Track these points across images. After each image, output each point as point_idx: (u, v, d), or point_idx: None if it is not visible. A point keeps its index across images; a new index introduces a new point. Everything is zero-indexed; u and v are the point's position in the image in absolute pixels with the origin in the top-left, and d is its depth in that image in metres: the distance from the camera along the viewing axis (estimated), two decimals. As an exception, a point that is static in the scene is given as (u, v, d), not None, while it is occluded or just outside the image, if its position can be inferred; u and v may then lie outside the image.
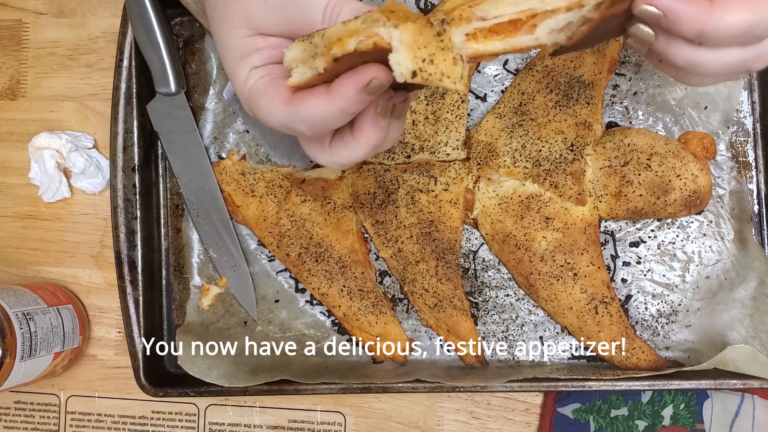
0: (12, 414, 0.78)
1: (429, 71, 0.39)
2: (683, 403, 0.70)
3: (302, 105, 0.46)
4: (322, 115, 0.45)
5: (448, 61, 0.39)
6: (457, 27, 0.39)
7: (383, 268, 0.73)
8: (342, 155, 0.49)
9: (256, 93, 0.49)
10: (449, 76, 0.39)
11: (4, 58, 0.79)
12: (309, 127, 0.46)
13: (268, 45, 0.50)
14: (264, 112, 0.48)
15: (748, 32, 0.43)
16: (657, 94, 0.71)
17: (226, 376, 0.68)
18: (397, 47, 0.39)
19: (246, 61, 0.50)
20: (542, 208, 0.69)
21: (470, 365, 0.71)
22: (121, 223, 0.71)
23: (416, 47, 0.38)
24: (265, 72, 0.49)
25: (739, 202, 0.70)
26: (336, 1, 0.46)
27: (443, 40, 0.39)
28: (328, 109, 0.44)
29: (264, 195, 0.72)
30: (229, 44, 0.50)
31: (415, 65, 0.38)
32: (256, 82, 0.49)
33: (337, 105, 0.44)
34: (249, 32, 0.49)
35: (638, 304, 0.71)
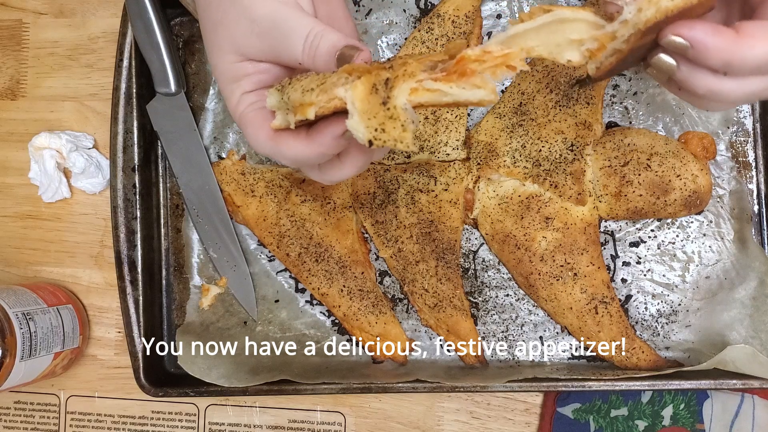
0: (12, 414, 0.78)
1: (383, 138, 0.40)
2: (683, 403, 0.70)
3: (283, 145, 0.48)
4: (303, 157, 0.48)
5: (398, 129, 0.40)
6: (401, 88, 0.40)
7: (383, 268, 0.73)
8: (332, 175, 0.51)
9: (245, 120, 0.50)
10: (402, 141, 0.40)
11: (4, 58, 0.79)
12: (291, 163, 0.49)
13: (257, 70, 0.50)
14: (251, 140, 0.50)
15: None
16: (657, 94, 0.71)
17: (226, 376, 0.68)
18: (351, 112, 0.40)
19: (237, 85, 0.51)
20: (542, 208, 0.69)
21: (470, 365, 0.71)
22: (121, 223, 0.71)
23: (367, 117, 0.40)
24: (256, 98, 0.50)
25: (739, 202, 0.70)
26: (316, 32, 0.47)
27: (389, 108, 0.40)
28: (309, 152, 0.47)
29: (264, 195, 0.72)
30: (220, 68, 0.51)
31: (369, 135, 0.40)
32: (246, 109, 0.50)
33: (317, 150, 0.47)
34: (238, 58, 0.50)
35: (638, 304, 0.71)
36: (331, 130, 0.45)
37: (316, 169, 0.52)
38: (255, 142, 0.50)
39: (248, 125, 0.50)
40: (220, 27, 0.50)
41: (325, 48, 0.46)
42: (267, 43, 0.49)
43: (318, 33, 0.47)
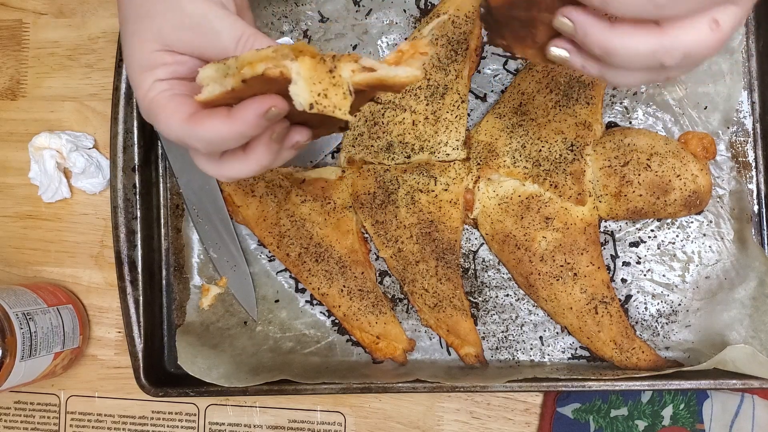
0: (12, 414, 0.78)
1: (323, 104, 0.44)
2: (683, 403, 0.70)
3: (201, 125, 0.49)
4: (220, 136, 0.48)
5: (339, 96, 0.45)
6: (345, 63, 0.45)
7: (383, 268, 0.73)
8: (232, 169, 0.52)
9: (156, 105, 0.51)
10: (341, 108, 0.45)
11: (4, 58, 0.79)
12: (205, 145, 0.49)
13: (175, 61, 0.52)
14: (162, 125, 0.50)
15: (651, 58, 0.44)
16: (657, 94, 0.71)
17: (226, 376, 0.68)
18: (296, 79, 0.44)
19: (151, 73, 0.51)
20: (542, 208, 0.69)
21: (470, 365, 0.71)
22: (121, 223, 0.71)
23: (312, 82, 0.44)
24: (168, 86, 0.51)
25: (739, 202, 0.70)
26: (247, 35, 0.50)
27: (334, 76, 0.45)
28: (228, 130, 0.48)
29: (264, 195, 0.72)
30: (137, 55, 0.52)
31: (312, 98, 0.44)
32: (158, 95, 0.51)
33: (237, 128, 0.48)
34: (159, 47, 0.51)
35: (638, 304, 0.71)
36: (255, 107, 0.47)
37: (216, 160, 0.52)
38: (167, 126, 0.50)
39: (160, 110, 0.50)
40: (147, 18, 0.51)
41: None
42: (195, 38, 0.50)
43: (250, 36, 0.50)
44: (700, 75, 0.70)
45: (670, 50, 0.43)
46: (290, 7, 0.74)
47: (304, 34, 0.74)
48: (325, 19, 0.74)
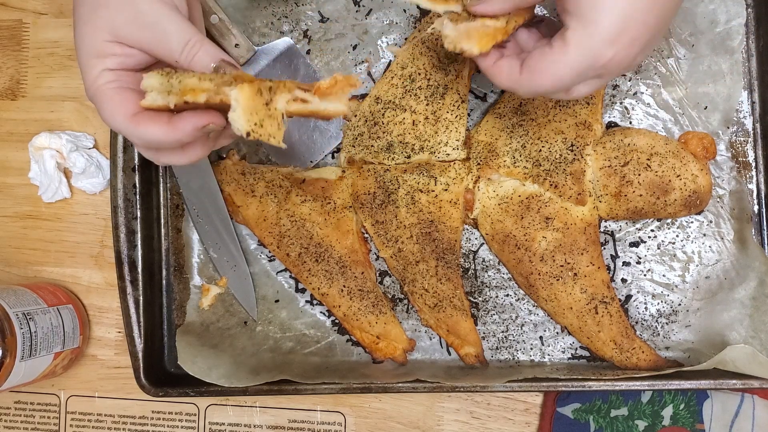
0: (12, 414, 0.78)
1: (259, 132, 0.49)
2: (683, 403, 0.70)
3: (143, 126, 0.52)
4: (158, 140, 0.52)
5: (275, 127, 0.49)
6: (281, 96, 0.49)
7: (383, 268, 0.73)
8: (169, 159, 0.56)
9: (102, 95, 0.53)
10: (275, 137, 0.49)
11: (4, 58, 0.79)
12: (144, 144, 0.53)
13: (124, 53, 0.54)
14: (105, 115, 0.53)
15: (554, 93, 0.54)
16: (657, 94, 0.71)
17: (226, 376, 0.68)
18: (234, 107, 0.48)
19: (100, 61, 0.54)
20: (542, 208, 0.69)
21: (470, 365, 0.71)
22: (121, 223, 0.71)
23: (250, 113, 0.48)
24: (115, 77, 0.54)
25: (739, 202, 0.70)
26: (195, 41, 0.53)
27: (270, 109, 0.49)
28: (166, 137, 0.52)
29: (264, 195, 0.72)
30: (88, 41, 0.54)
31: (249, 127, 0.48)
32: (105, 85, 0.53)
33: (175, 136, 0.52)
34: (110, 38, 0.53)
35: (638, 304, 0.71)
36: (195, 121, 0.51)
37: (153, 149, 0.55)
38: (111, 118, 0.53)
39: (106, 101, 0.53)
40: (102, 8, 0.53)
41: (204, 58, 0.53)
42: (145, 35, 0.53)
43: (197, 42, 0.53)
44: (700, 75, 0.70)
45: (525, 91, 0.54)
46: (290, 7, 0.74)
47: (304, 34, 0.74)
48: (325, 19, 0.74)
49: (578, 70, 0.50)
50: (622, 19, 0.47)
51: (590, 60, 0.49)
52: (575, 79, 0.51)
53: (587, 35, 0.48)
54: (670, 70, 0.71)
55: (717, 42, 0.70)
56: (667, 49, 0.71)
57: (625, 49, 0.49)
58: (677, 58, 0.71)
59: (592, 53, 0.49)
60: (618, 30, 0.48)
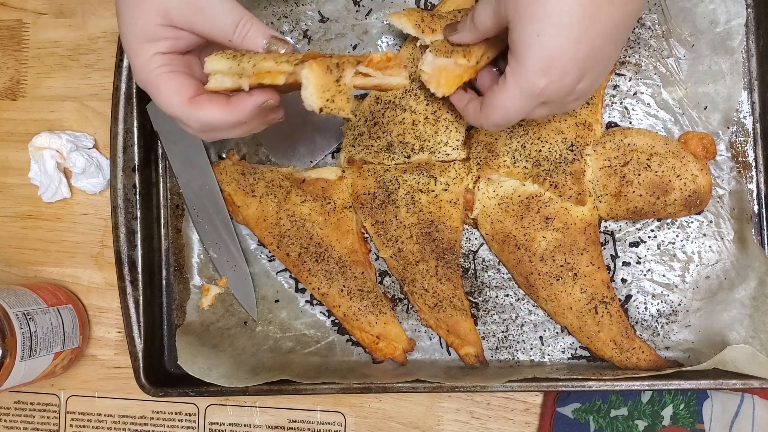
0: (12, 414, 0.78)
1: (330, 107, 0.52)
2: (683, 403, 0.70)
3: (202, 109, 0.53)
4: (217, 123, 0.54)
5: (344, 101, 0.52)
6: (349, 71, 0.52)
7: (383, 268, 0.73)
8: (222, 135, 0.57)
9: (157, 80, 0.54)
10: (344, 110, 0.52)
11: (4, 58, 0.79)
12: (201, 126, 0.54)
13: (176, 36, 0.55)
14: (161, 100, 0.54)
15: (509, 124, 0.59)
16: (657, 94, 0.71)
17: (226, 376, 0.68)
18: (306, 85, 0.51)
19: (152, 45, 0.54)
20: (542, 208, 0.69)
21: (470, 365, 0.71)
22: (121, 223, 0.71)
23: (322, 90, 0.51)
24: (167, 61, 0.55)
25: (739, 202, 0.70)
26: (246, 19, 0.54)
27: (340, 84, 0.52)
28: (226, 118, 0.53)
29: (264, 195, 0.72)
30: (140, 26, 0.54)
31: (321, 103, 0.51)
32: (158, 70, 0.54)
33: (235, 117, 0.53)
34: (162, 21, 0.54)
35: (638, 304, 0.71)
36: (255, 100, 0.53)
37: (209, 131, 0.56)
38: (167, 104, 0.54)
39: (162, 87, 0.54)
40: None
41: (257, 35, 0.54)
42: (198, 17, 0.54)
43: (248, 20, 0.54)
44: (700, 75, 0.70)
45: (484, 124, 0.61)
46: (290, 7, 0.74)
47: (304, 34, 0.74)
48: (326, 19, 0.74)
49: (520, 101, 0.55)
50: (548, 55, 0.52)
51: (527, 91, 0.54)
52: (520, 110, 0.56)
53: (520, 71, 0.54)
54: (670, 70, 0.71)
55: (717, 42, 0.70)
56: (667, 49, 0.71)
57: (559, 79, 0.53)
58: (677, 58, 0.71)
59: (527, 85, 0.54)
60: (545, 65, 0.53)
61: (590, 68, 0.54)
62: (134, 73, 0.55)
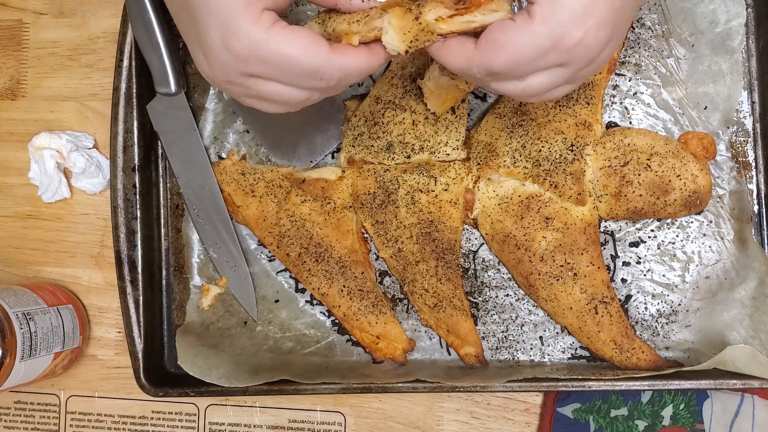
0: (12, 414, 0.78)
1: (416, 46, 0.51)
2: (683, 403, 0.70)
3: (346, 56, 0.50)
4: (359, 67, 0.51)
5: (428, 36, 0.50)
6: (429, 7, 0.50)
7: (383, 268, 0.73)
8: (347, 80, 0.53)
9: (285, 38, 0.48)
10: (429, 40, 0.50)
11: (4, 58, 0.79)
12: (341, 75, 0.50)
13: None
14: (299, 55, 0.48)
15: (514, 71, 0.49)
16: (657, 94, 0.71)
17: (226, 376, 0.68)
18: (386, 29, 0.50)
19: (257, 1, 0.48)
20: (542, 208, 0.69)
21: (470, 365, 0.71)
22: (121, 223, 0.71)
23: (403, 32, 0.50)
24: (276, 18, 0.49)
25: (739, 202, 0.70)
26: None
27: (421, 22, 0.50)
28: (369, 63, 0.51)
29: (264, 195, 0.72)
30: None
31: (405, 46, 0.50)
32: (276, 26, 0.48)
33: (377, 61, 0.51)
34: None
35: (638, 304, 0.71)
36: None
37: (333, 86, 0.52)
38: (306, 56, 0.48)
39: (294, 41, 0.48)
40: None
41: None
42: None
43: None
44: (700, 75, 0.70)
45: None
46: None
47: (304, 34, 0.74)
48: (325, 19, 0.73)
49: (541, 47, 0.46)
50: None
51: (556, 37, 0.46)
52: (535, 57, 0.47)
53: (556, 9, 0.45)
54: (670, 70, 0.71)
55: (717, 42, 0.70)
56: (667, 49, 0.71)
57: (595, 32, 0.46)
58: (677, 58, 0.71)
59: (560, 30, 0.46)
60: (586, 8, 0.45)
61: (618, 27, 0.48)
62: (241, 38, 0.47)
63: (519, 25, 0.47)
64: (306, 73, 0.49)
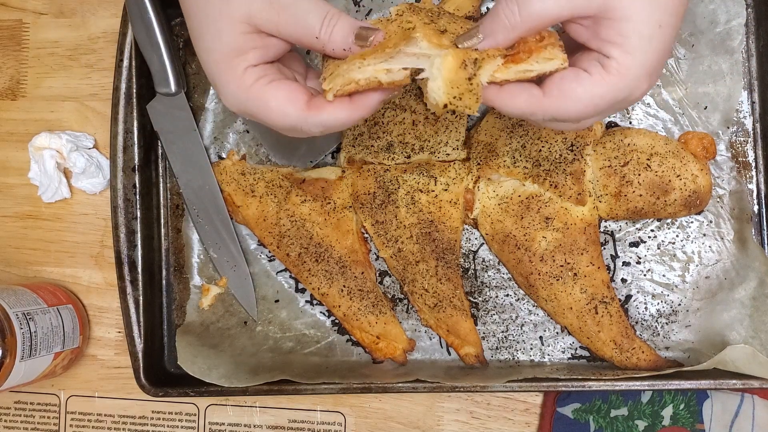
0: (12, 414, 0.78)
1: (457, 104, 0.48)
2: (683, 403, 0.70)
3: (323, 112, 0.50)
4: (341, 122, 0.50)
5: (472, 100, 0.48)
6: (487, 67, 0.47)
7: (383, 268, 0.73)
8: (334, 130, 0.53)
9: (263, 94, 0.51)
10: (470, 108, 0.48)
11: (4, 58, 0.79)
12: (323, 130, 0.51)
13: (264, 44, 0.52)
14: (275, 113, 0.51)
15: None
16: (657, 94, 0.71)
17: (226, 376, 0.68)
18: (435, 76, 0.47)
19: (242, 59, 0.51)
20: (542, 208, 0.69)
21: (470, 365, 0.71)
22: (121, 223, 0.71)
23: (451, 86, 0.47)
24: (261, 72, 0.51)
25: (739, 202, 0.70)
26: (332, 14, 0.50)
27: (473, 84, 0.47)
28: (350, 116, 0.50)
29: (264, 195, 0.72)
30: (226, 40, 0.51)
31: (447, 99, 0.48)
32: (258, 83, 0.51)
33: (359, 114, 0.50)
34: (248, 28, 0.51)
35: (638, 304, 0.71)
36: (378, 96, 0.50)
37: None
38: (282, 114, 0.50)
39: (270, 99, 0.50)
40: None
41: (344, 29, 0.50)
42: (284, 18, 0.50)
43: (335, 14, 0.50)
44: (700, 75, 0.70)
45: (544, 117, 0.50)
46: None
47: (304, 34, 0.74)
48: (325, 19, 0.73)
49: (614, 100, 0.49)
50: (664, 50, 0.47)
51: (629, 91, 0.48)
52: (605, 110, 0.50)
53: (630, 64, 0.47)
54: (670, 70, 0.71)
55: (717, 42, 0.70)
56: (667, 49, 0.71)
57: (655, 80, 0.49)
58: (677, 58, 0.71)
59: (634, 84, 0.48)
60: (657, 63, 0.47)
61: None
62: (227, 96, 0.52)
63: (595, 78, 0.48)
64: (286, 127, 0.52)
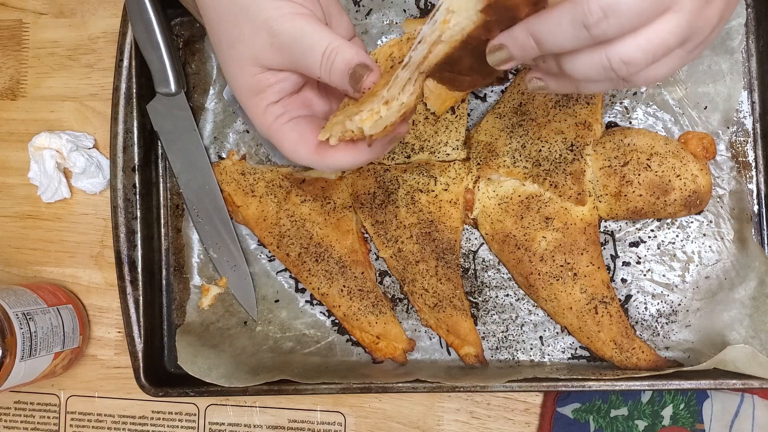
0: (12, 414, 0.78)
1: None
2: (683, 403, 0.70)
3: (331, 156, 0.52)
4: (349, 164, 0.52)
5: None
6: None
7: (383, 268, 0.73)
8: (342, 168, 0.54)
9: (279, 133, 0.53)
10: None
11: (4, 58, 0.79)
12: (331, 170, 0.54)
13: (279, 79, 0.53)
14: (289, 153, 0.53)
15: None
16: (657, 94, 0.71)
17: (226, 376, 0.68)
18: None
19: (261, 98, 0.53)
20: (542, 208, 0.69)
21: (470, 365, 0.71)
22: (121, 223, 0.71)
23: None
24: (282, 109, 0.53)
25: (739, 202, 0.70)
26: (331, 49, 0.50)
27: None
28: (358, 159, 0.51)
29: (264, 195, 0.72)
30: (241, 82, 0.53)
31: None
32: (277, 122, 0.53)
33: (367, 157, 0.51)
34: (259, 69, 0.52)
35: (638, 304, 0.71)
36: (389, 139, 0.51)
37: None
38: (294, 154, 0.53)
39: (285, 140, 0.53)
40: (239, 43, 0.52)
41: (340, 67, 0.50)
42: (286, 57, 0.51)
43: (333, 50, 0.50)
44: (700, 75, 0.70)
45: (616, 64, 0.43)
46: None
47: (304, 34, 0.74)
48: (325, 19, 0.73)
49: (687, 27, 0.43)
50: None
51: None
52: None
53: None
54: (670, 70, 0.71)
55: (717, 42, 0.70)
56: (667, 49, 0.71)
57: None
58: (677, 58, 0.71)
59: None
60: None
61: None
62: (256, 126, 0.55)
63: None
64: (302, 164, 0.54)
